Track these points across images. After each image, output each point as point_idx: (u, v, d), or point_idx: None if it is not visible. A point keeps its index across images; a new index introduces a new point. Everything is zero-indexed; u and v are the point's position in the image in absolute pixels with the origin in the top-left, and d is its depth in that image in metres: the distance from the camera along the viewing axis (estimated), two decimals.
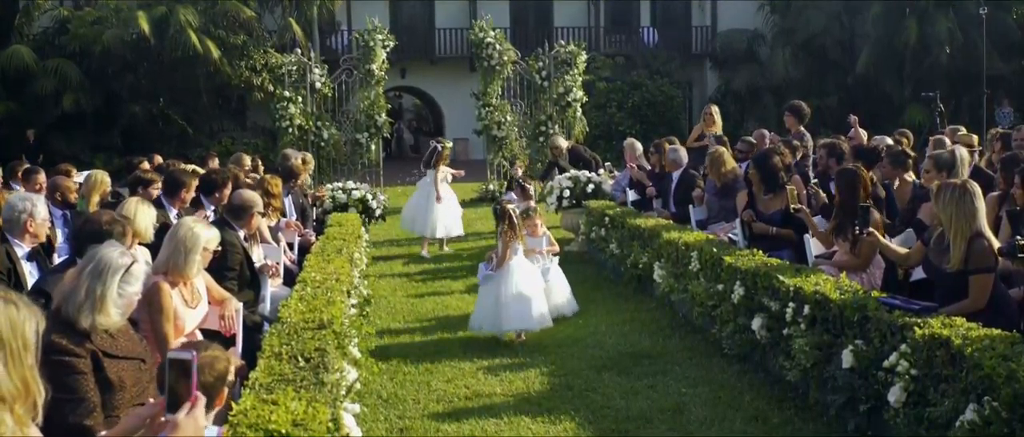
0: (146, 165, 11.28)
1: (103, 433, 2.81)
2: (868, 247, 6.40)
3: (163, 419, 2.66)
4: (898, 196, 7.55)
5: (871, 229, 6.06)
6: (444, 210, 12.29)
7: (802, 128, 11.45)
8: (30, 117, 23.78)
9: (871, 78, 27.09)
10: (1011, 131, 9.36)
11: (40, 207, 5.97)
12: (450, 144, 13.07)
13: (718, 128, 12.20)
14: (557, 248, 8.62)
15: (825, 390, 5.47)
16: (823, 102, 27.18)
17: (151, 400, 3.04)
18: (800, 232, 7.73)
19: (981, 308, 5.19)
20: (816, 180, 8.64)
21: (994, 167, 8.13)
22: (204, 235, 4.99)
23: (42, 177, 9.66)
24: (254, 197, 6.92)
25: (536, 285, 7.77)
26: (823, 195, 8.11)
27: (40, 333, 2.47)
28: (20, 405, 2.37)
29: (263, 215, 7.03)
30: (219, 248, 5.23)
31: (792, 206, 7.33)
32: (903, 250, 6.14)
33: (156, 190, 8.04)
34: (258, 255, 7.06)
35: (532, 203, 10.94)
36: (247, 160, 11.23)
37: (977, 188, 5.46)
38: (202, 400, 2.70)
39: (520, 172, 13.22)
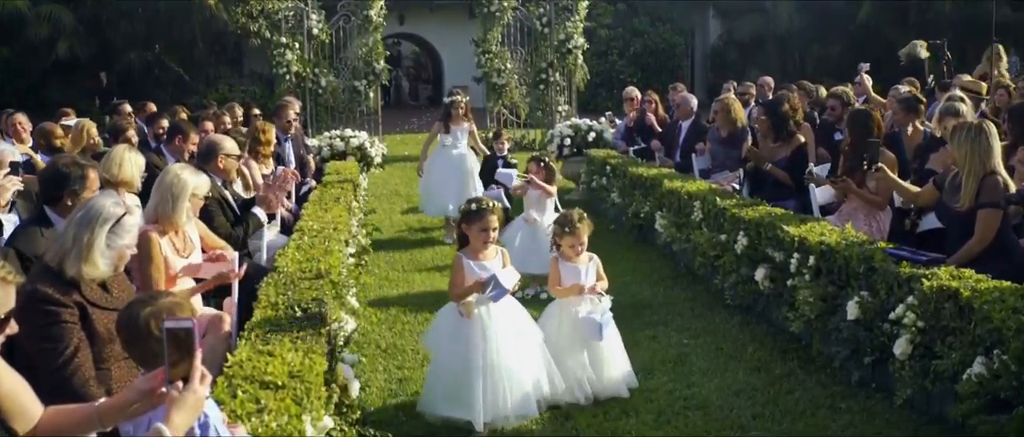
0: (128, 108, 11.20)
1: (100, 401, 2.68)
2: (882, 183, 6.31)
3: (162, 390, 2.50)
4: (909, 144, 7.43)
5: (881, 164, 5.98)
6: (467, 178, 9.61)
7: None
8: (24, 64, 23.53)
9: (874, 26, 26.77)
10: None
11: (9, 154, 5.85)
12: (463, 98, 9.91)
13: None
14: (606, 281, 5.36)
15: (829, 342, 5.42)
16: (826, 51, 26.92)
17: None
18: (802, 183, 7.65)
19: (986, 246, 5.15)
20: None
21: (999, 115, 8.03)
22: (191, 181, 4.87)
23: (21, 117, 9.61)
24: (221, 139, 6.80)
25: (527, 355, 4.94)
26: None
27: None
28: None
29: (238, 157, 6.85)
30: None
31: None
32: (914, 189, 6.07)
33: (135, 135, 8.14)
34: (239, 191, 7.03)
35: (553, 191, 7.82)
36: (238, 110, 11.12)
37: (993, 128, 5.41)
38: (208, 376, 2.51)
39: (505, 147, 10.16)
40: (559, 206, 8.04)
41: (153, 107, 11.80)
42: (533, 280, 7.24)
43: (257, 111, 10.88)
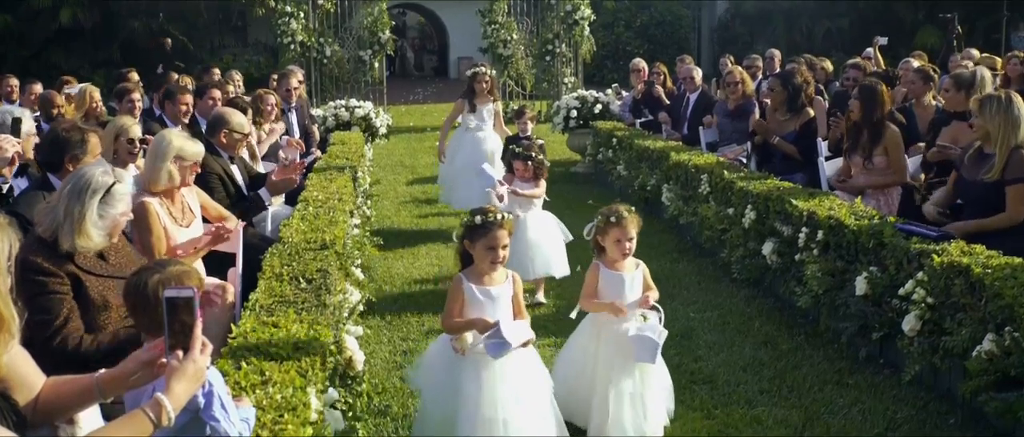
0: (135, 76, 11.14)
1: (101, 372, 2.65)
2: (893, 155, 6.25)
3: (162, 361, 2.45)
4: (923, 117, 7.36)
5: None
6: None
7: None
8: (26, 31, 23.39)
9: (883, 0, 26.50)
10: None
11: (25, 121, 5.81)
12: (489, 71, 8.89)
13: None
14: (656, 291, 4.43)
15: (837, 317, 5.38)
16: (834, 25, 26.69)
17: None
18: (810, 157, 7.60)
19: (1017, 223, 5.10)
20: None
21: (1010, 86, 7.94)
22: (178, 145, 4.76)
23: (39, 88, 9.56)
24: (229, 114, 6.54)
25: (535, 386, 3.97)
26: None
27: (13, 256, 2.31)
28: None
29: (245, 136, 6.61)
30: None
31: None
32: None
33: (138, 101, 8.12)
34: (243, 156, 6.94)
35: (540, 193, 6.63)
36: (237, 76, 11.07)
37: (1020, 99, 5.35)
38: (209, 345, 2.45)
39: (529, 126, 8.43)
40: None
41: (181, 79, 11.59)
42: None
43: (276, 77, 10.78)
